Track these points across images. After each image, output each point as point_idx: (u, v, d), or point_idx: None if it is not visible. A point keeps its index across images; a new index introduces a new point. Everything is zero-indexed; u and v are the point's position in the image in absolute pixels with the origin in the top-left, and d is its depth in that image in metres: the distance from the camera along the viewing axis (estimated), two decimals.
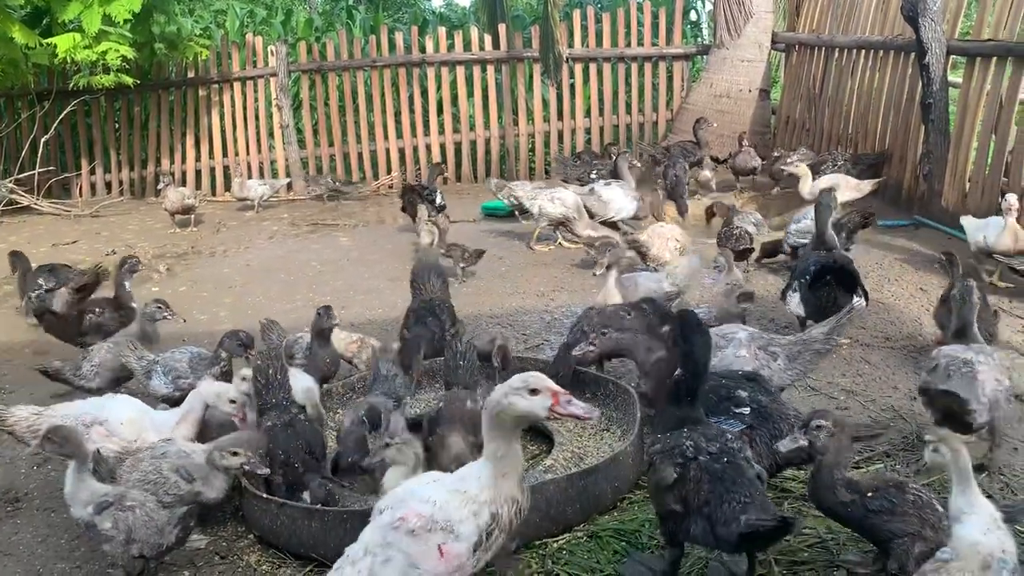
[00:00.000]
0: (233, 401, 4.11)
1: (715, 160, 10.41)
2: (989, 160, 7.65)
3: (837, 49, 10.31)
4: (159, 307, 5.45)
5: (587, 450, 4.29)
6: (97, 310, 5.87)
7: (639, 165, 9.33)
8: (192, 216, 10.14)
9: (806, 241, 6.83)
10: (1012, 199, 6.26)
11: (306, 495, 3.77)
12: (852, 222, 6.67)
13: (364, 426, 4.12)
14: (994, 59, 7.60)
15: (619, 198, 8.25)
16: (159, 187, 10.14)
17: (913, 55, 8.35)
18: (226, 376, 4.70)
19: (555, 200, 8.10)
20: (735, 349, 4.35)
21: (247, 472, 3.65)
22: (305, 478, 3.81)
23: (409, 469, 3.46)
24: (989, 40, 7.69)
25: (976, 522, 2.78)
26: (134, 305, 5.93)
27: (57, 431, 3.52)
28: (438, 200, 8.51)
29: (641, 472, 4.06)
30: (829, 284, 5.30)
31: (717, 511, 2.98)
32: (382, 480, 3.56)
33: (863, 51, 9.76)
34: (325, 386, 4.90)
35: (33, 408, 4.11)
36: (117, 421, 4.03)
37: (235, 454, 3.55)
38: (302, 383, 4.40)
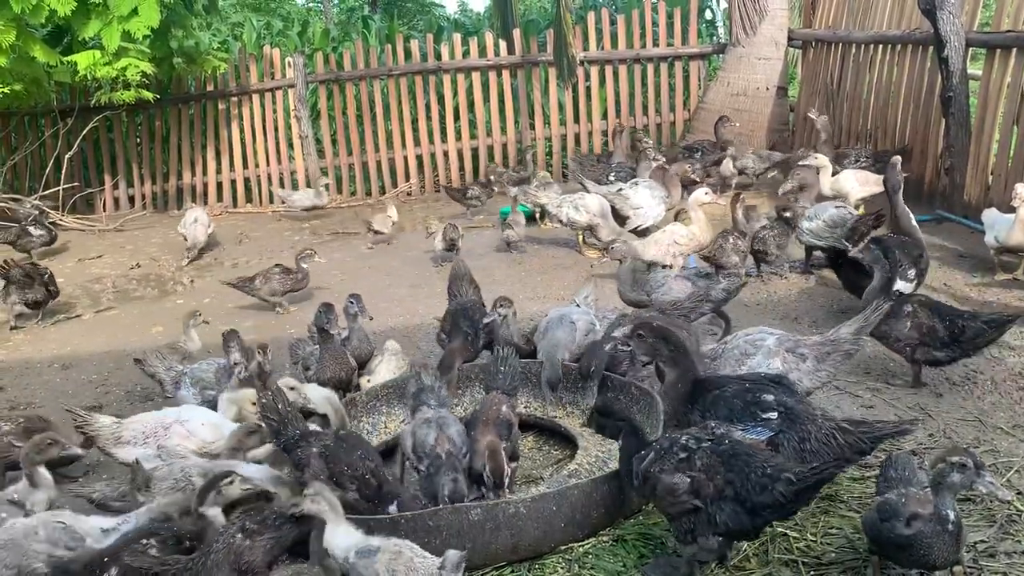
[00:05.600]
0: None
1: (735, 160, 10.36)
2: (1011, 152, 7.57)
3: (854, 45, 10.23)
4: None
5: (611, 454, 4.29)
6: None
7: (663, 159, 9.31)
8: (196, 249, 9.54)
9: (820, 243, 6.75)
10: (1021, 188, 6.18)
11: (392, 508, 3.68)
12: (865, 226, 6.56)
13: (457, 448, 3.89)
14: (1015, 50, 7.52)
15: (646, 201, 8.18)
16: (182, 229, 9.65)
17: (932, 49, 8.28)
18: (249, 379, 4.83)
19: (579, 208, 8.09)
20: (765, 358, 4.19)
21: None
22: (384, 491, 3.71)
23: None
24: (1009, 31, 7.61)
25: None
26: None
27: None
28: None
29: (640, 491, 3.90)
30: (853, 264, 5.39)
31: (746, 485, 3.02)
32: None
33: (881, 46, 9.68)
34: (348, 395, 4.94)
35: (114, 418, 4.31)
36: (198, 422, 4.24)
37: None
38: (321, 393, 4.44)
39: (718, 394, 3.71)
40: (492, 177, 10.46)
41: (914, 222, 6.11)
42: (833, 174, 7.94)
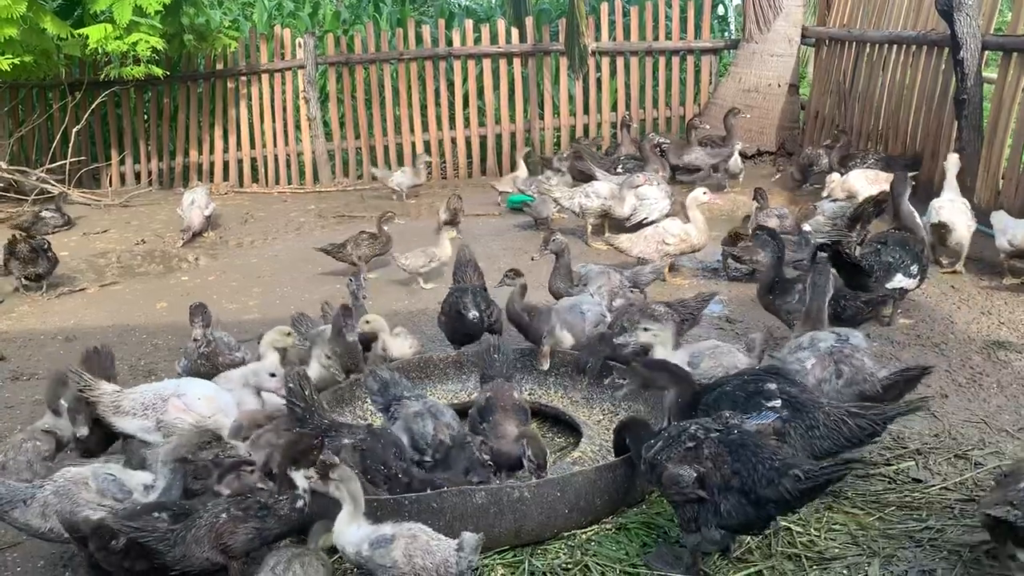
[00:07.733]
0: (273, 374, 4.33)
1: (743, 156, 10.35)
2: (1023, 157, 7.54)
3: (868, 44, 10.18)
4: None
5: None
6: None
7: (667, 141, 9.26)
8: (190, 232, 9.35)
9: (824, 239, 6.76)
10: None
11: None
12: (866, 212, 6.71)
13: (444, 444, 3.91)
14: None
15: (652, 194, 8.15)
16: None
17: (947, 50, 8.24)
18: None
19: (590, 194, 8.06)
20: (807, 362, 4.01)
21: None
22: (414, 480, 3.68)
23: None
24: None
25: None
26: None
27: None
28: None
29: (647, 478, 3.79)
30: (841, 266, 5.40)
31: (753, 476, 3.02)
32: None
33: (895, 46, 9.62)
34: (351, 376, 4.92)
35: (116, 386, 4.24)
36: (195, 396, 4.16)
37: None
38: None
39: (719, 392, 3.72)
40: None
41: (918, 219, 6.17)
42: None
